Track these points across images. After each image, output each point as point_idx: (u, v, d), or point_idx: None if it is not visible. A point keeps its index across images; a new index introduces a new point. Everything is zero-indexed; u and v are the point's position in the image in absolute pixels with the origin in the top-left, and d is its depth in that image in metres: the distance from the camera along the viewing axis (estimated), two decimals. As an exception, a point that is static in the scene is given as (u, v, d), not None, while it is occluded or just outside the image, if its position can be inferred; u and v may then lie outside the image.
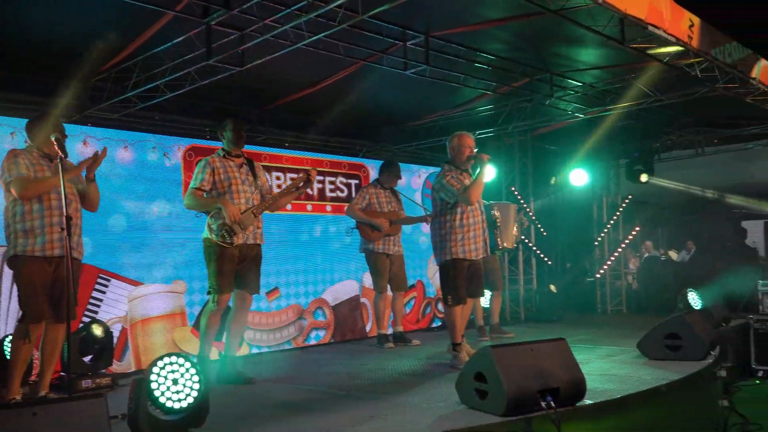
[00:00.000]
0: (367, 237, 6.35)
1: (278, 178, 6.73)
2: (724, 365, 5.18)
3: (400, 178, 6.67)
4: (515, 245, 7.28)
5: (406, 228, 7.48)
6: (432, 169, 8.45)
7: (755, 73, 5.86)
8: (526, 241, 9.13)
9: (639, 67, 6.32)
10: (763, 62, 6.05)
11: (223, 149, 4.82)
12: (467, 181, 4.98)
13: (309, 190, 7.01)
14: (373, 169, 7.58)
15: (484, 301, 7.25)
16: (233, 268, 4.62)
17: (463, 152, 5.06)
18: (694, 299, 7.30)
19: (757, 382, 6.56)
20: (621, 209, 9.97)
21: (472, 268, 5.06)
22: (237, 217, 4.53)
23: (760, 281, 7.16)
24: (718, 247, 9.49)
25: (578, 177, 9.69)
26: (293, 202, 6.72)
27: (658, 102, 6.94)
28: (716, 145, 9.21)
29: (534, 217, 9.21)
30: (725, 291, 7.68)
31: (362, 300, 7.41)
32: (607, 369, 4.86)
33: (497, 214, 6.57)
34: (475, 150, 5.10)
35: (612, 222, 9.96)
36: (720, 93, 6.18)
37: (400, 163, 6.88)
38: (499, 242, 6.57)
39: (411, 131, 8.42)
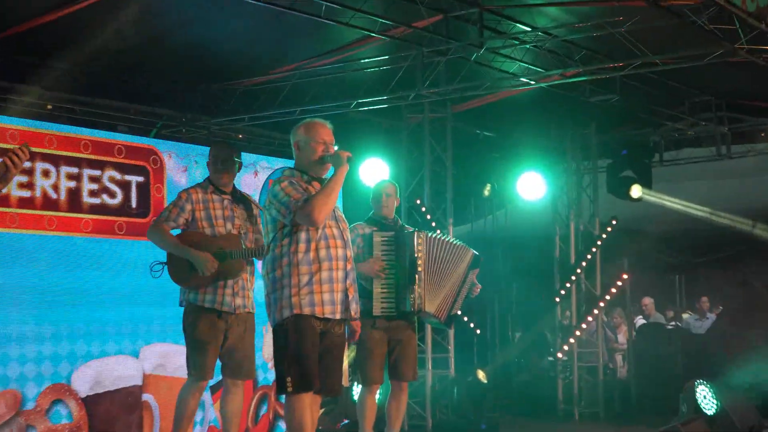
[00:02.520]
0: (182, 280, 5.96)
1: (-6, 166, 6.66)
2: None
3: (230, 170, 5.96)
4: (446, 322, 6.85)
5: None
6: (281, 162, 8.52)
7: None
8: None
9: (622, 7, 6.54)
10: None
11: None
12: None
13: (52, 192, 6.98)
14: (171, 158, 7.62)
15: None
16: None
17: (313, 150, 5.15)
18: (707, 397, 7.55)
19: None
20: (600, 242, 10.28)
21: (330, 338, 5.15)
22: None
23: (807, 370, 7.53)
24: (750, 310, 9.92)
25: (530, 186, 9.98)
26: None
27: (652, 68, 7.26)
28: (749, 142, 9.67)
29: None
30: (757, 383, 8.02)
31: (144, 396, 7.46)
32: None
33: (421, 250, 6.46)
34: (335, 147, 5.19)
35: (585, 263, 10.25)
36: (744, 58, 6.52)
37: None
38: (413, 300, 6.41)
39: (243, 95, 8.47)
